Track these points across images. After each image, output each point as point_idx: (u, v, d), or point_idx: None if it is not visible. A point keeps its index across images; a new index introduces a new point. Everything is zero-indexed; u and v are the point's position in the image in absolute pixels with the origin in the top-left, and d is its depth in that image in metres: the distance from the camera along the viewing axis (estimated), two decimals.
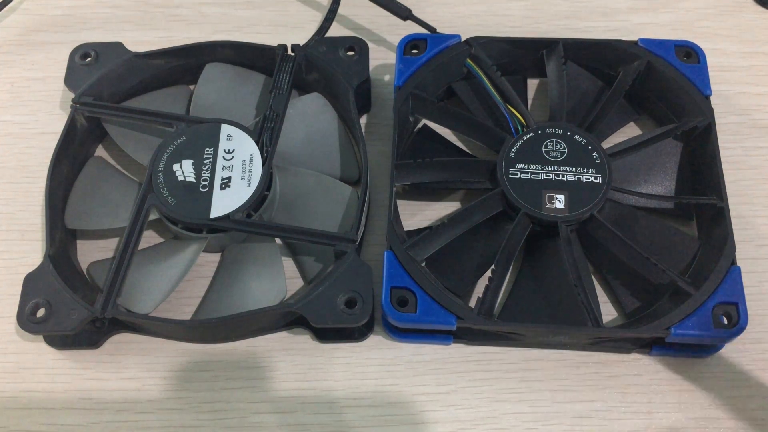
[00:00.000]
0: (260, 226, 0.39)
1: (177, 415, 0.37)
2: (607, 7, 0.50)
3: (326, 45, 0.44)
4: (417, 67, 0.42)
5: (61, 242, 0.39)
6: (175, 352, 0.38)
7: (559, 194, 0.38)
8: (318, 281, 0.38)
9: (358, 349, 0.38)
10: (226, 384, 0.38)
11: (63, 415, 0.37)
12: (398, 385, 0.37)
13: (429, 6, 0.50)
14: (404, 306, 0.35)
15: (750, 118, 0.45)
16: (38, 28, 0.50)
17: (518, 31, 0.48)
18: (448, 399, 0.37)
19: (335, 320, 0.36)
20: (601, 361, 0.38)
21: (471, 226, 0.38)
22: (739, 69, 0.47)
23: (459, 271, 0.38)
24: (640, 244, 0.37)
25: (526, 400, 0.37)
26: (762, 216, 0.42)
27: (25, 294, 0.36)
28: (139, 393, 0.37)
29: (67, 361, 0.38)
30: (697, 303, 0.35)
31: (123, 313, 0.37)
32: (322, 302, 0.36)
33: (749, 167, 0.44)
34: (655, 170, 0.41)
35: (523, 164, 0.39)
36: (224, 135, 0.41)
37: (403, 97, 0.41)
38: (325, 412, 0.37)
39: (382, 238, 0.39)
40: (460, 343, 0.38)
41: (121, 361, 0.38)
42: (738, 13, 0.50)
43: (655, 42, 0.43)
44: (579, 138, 0.40)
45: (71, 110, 0.42)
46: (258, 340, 0.39)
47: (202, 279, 0.40)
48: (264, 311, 0.36)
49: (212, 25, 0.50)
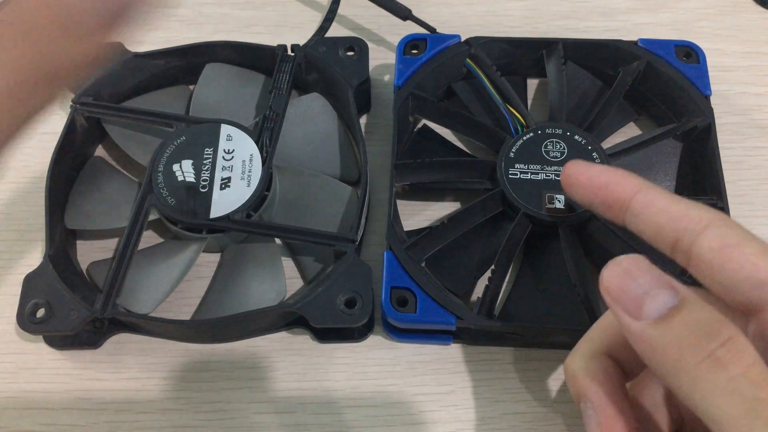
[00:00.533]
0: (260, 226, 0.39)
1: (177, 415, 0.37)
2: (607, 7, 0.50)
3: (326, 45, 0.44)
4: (417, 67, 0.42)
5: (61, 242, 0.39)
6: (175, 352, 0.38)
7: (559, 194, 0.38)
8: (318, 281, 0.38)
9: (358, 349, 0.38)
10: (226, 384, 0.38)
11: (63, 415, 0.37)
12: (398, 385, 0.37)
13: (429, 6, 0.50)
14: (404, 306, 0.35)
15: (750, 118, 0.45)
16: None
17: (518, 31, 0.48)
18: (448, 399, 0.37)
19: (335, 320, 0.36)
20: None
21: (471, 226, 0.38)
22: (739, 69, 0.47)
23: (459, 271, 0.38)
24: (640, 244, 0.37)
25: (526, 400, 0.37)
26: (762, 216, 0.42)
27: (24, 294, 0.36)
28: (139, 393, 0.37)
29: (67, 361, 0.38)
30: None
31: (123, 313, 0.37)
32: (322, 302, 0.36)
33: (749, 167, 0.44)
34: (655, 170, 0.41)
35: (523, 164, 0.39)
36: (224, 135, 0.41)
37: (403, 97, 0.41)
38: (325, 412, 0.37)
39: (382, 238, 0.39)
40: (460, 343, 0.38)
41: (121, 361, 0.38)
42: (738, 13, 0.50)
43: (655, 42, 0.43)
44: (579, 138, 0.40)
45: (71, 110, 0.42)
46: (258, 340, 0.39)
47: (202, 279, 0.40)
48: (264, 311, 0.36)
49: (212, 26, 0.50)
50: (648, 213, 0.28)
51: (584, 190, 0.30)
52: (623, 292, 0.24)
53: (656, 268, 0.24)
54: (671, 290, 0.23)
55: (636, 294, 0.24)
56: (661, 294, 0.23)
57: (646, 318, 0.23)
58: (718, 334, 0.22)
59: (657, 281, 0.24)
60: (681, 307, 0.23)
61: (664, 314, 0.23)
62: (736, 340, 0.22)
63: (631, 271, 0.24)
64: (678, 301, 0.23)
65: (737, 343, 0.22)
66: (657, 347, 0.23)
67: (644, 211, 0.28)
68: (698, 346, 0.22)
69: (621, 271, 0.24)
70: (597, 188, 0.29)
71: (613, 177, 0.29)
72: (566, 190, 0.30)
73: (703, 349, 0.22)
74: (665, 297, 0.23)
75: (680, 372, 0.22)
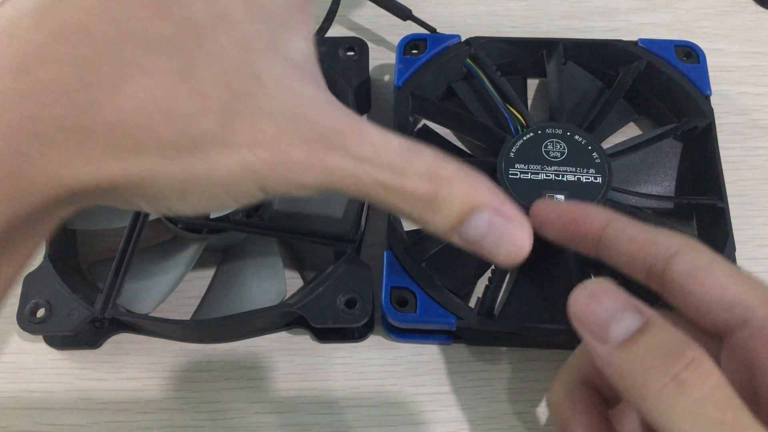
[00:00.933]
0: (260, 226, 0.39)
1: (177, 415, 0.37)
2: (607, 7, 0.50)
3: (326, 45, 0.44)
4: (417, 67, 0.42)
5: (61, 242, 0.39)
6: (175, 352, 0.38)
7: (558, 194, 0.38)
8: (318, 281, 0.38)
9: (358, 349, 0.38)
10: (226, 384, 0.38)
11: (63, 415, 0.37)
12: (398, 385, 0.37)
13: (429, 6, 0.50)
14: (404, 306, 0.35)
15: (750, 118, 0.45)
16: None
17: (518, 31, 0.48)
18: (448, 399, 0.37)
19: (335, 320, 0.36)
20: None
21: None
22: (739, 69, 0.47)
23: (459, 271, 0.38)
24: None
25: (526, 400, 0.37)
26: (762, 216, 0.42)
27: (24, 294, 0.36)
28: (139, 393, 0.37)
29: (67, 361, 0.38)
30: None
31: (123, 313, 0.37)
32: (322, 302, 0.36)
33: (749, 167, 0.44)
34: (655, 170, 0.41)
35: (523, 164, 0.39)
36: None
37: (403, 97, 0.41)
38: (325, 412, 0.37)
39: (382, 238, 0.39)
40: (460, 343, 0.38)
41: (121, 361, 0.38)
42: (738, 13, 0.50)
43: (655, 42, 0.43)
44: (579, 138, 0.40)
45: None
46: (258, 340, 0.39)
47: (202, 279, 0.40)
48: (264, 311, 0.36)
49: None
50: (619, 243, 0.28)
51: (555, 226, 0.30)
52: (589, 316, 0.24)
53: (622, 291, 0.24)
54: (637, 312, 0.23)
55: (602, 317, 0.23)
56: (627, 317, 0.23)
57: (613, 341, 0.23)
58: (681, 356, 0.22)
59: (623, 304, 0.24)
60: (645, 330, 0.23)
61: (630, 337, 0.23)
62: (700, 362, 0.22)
63: (596, 294, 0.24)
64: (643, 324, 0.23)
65: (701, 365, 0.22)
66: (623, 371, 0.23)
67: (616, 241, 0.28)
68: (662, 368, 0.22)
69: (587, 295, 0.24)
70: (567, 224, 0.30)
71: (582, 211, 0.30)
72: (537, 230, 0.30)
73: (667, 371, 0.22)
74: (630, 319, 0.23)
75: (646, 396, 0.22)
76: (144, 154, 0.20)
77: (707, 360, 0.22)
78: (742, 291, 0.24)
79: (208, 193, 0.22)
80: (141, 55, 0.20)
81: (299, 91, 0.23)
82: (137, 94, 0.20)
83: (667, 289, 0.26)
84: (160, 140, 0.20)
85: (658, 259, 0.26)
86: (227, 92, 0.21)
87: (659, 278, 0.26)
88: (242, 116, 0.21)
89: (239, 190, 0.22)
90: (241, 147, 0.22)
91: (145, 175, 0.21)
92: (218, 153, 0.21)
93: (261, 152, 0.22)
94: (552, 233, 0.30)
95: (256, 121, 0.22)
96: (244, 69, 0.22)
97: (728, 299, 0.24)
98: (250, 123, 0.22)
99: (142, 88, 0.20)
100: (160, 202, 0.22)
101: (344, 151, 0.23)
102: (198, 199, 0.22)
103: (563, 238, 0.30)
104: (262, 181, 0.22)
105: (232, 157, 0.21)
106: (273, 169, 0.22)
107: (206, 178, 0.22)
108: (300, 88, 0.23)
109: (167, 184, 0.21)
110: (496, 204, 0.25)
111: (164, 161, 0.21)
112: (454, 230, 0.25)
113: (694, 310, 0.25)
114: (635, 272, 0.28)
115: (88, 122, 0.20)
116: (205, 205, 0.23)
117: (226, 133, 0.21)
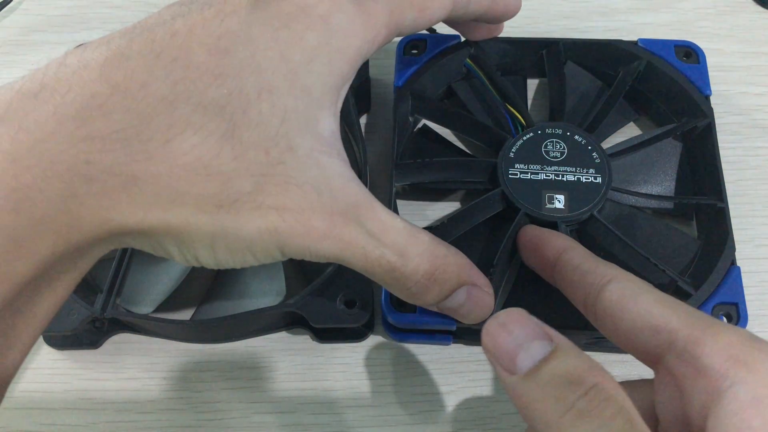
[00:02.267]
0: None
1: (177, 415, 0.37)
2: (607, 7, 0.50)
3: None
4: (417, 67, 0.42)
5: None
6: (175, 352, 0.38)
7: (558, 194, 0.38)
8: (318, 281, 0.37)
9: (357, 349, 0.38)
10: (226, 384, 0.38)
11: (63, 415, 0.37)
12: (398, 385, 0.37)
13: None
14: (404, 306, 0.35)
15: (750, 118, 0.45)
16: (38, 28, 0.50)
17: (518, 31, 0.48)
18: (448, 399, 0.37)
19: (335, 320, 0.36)
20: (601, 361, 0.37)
21: (471, 226, 0.38)
22: (739, 69, 0.47)
23: None
24: (640, 244, 0.37)
25: None
26: (762, 216, 0.42)
27: None
28: (139, 393, 0.37)
29: (67, 361, 0.38)
30: (697, 303, 0.35)
31: (123, 314, 0.37)
32: (322, 302, 0.36)
33: (749, 167, 0.44)
34: (655, 170, 0.41)
35: (523, 164, 0.39)
36: None
37: (403, 97, 0.41)
38: (325, 412, 0.37)
39: None
40: (460, 343, 0.38)
41: (121, 361, 0.38)
42: (738, 13, 0.50)
43: (655, 42, 0.43)
44: (579, 138, 0.40)
45: None
46: (258, 340, 0.39)
47: (202, 279, 0.40)
48: (264, 311, 0.36)
49: None
50: (565, 271, 0.28)
51: (524, 251, 0.32)
52: (499, 347, 0.24)
53: (534, 319, 0.24)
54: (545, 340, 0.23)
55: (510, 347, 0.23)
56: (534, 345, 0.23)
57: (519, 371, 0.23)
58: (581, 383, 0.21)
59: (531, 332, 0.23)
60: (550, 357, 0.22)
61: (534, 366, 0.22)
62: (601, 388, 0.21)
63: (506, 324, 0.24)
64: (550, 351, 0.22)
65: (602, 392, 0.21)
66: (528, 401, 0.22)
67: (563, 270, 0.29)
68: (561, 397, 0.21)
69: (497, 325, 0.24)
70: (532, 250, 0.31)
71: (541, 238, 0.31)
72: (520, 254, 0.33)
73: (566, 400, 0.21)
74: (537, 348, 0.23)
75: (548, 427, 0.21)
76: (184, 205, 0.22)
77: (610, 386, 0.21)
78: (666, 314, 0.24)
79: (232, 247, 0.24)
80: (192, 114, 0.22)
81: (325, 165, 0.25)
82: (185, 150, 0.22)
83: (600, 319, 0.26)
84: (200, 194, 0.22)
85: (592, 288, 0.26)
86: (264, 158, 0.23)
87: (592, 308, 0.26)
88: (275, 182, 0.23)
89: (260, 248, 0.24)
90: (269, 209, 0.23)
91: (182, 225, 0.22)
92: (248, 212, 0.23)
93: (287, 217, 0.23)
94: (524, 258, 0.32)
95: (287, 188, 0.23)
96: (281, 139, 0.24)
97: (653, 324, 0.24)
98: (281, 189, 0.23)
99: (190, 144, 0.22)
100: (189, 251, 0.24)
101: (358, 225, 0.25)
102: (222, 253, 0.24)
103: (529, 263, 0.32)
104: (283, 243, 0.24)
105: (260, 218, 0.23)
106: (295, 234, 0.24)
107: (234, 234, 0.23)
108: (326, 162, 0.25)
109: (199, 235, 0.23)
110: (474, 278, 0.28)
111: (200, 214, 0.22)
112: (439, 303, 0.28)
113: (624, 339, 0.25)
114: (575, 301, 0.28)
115: (138, 171, 0.21)
116: (227, 258, 0.24)
117: (259, 195, 0.23)
